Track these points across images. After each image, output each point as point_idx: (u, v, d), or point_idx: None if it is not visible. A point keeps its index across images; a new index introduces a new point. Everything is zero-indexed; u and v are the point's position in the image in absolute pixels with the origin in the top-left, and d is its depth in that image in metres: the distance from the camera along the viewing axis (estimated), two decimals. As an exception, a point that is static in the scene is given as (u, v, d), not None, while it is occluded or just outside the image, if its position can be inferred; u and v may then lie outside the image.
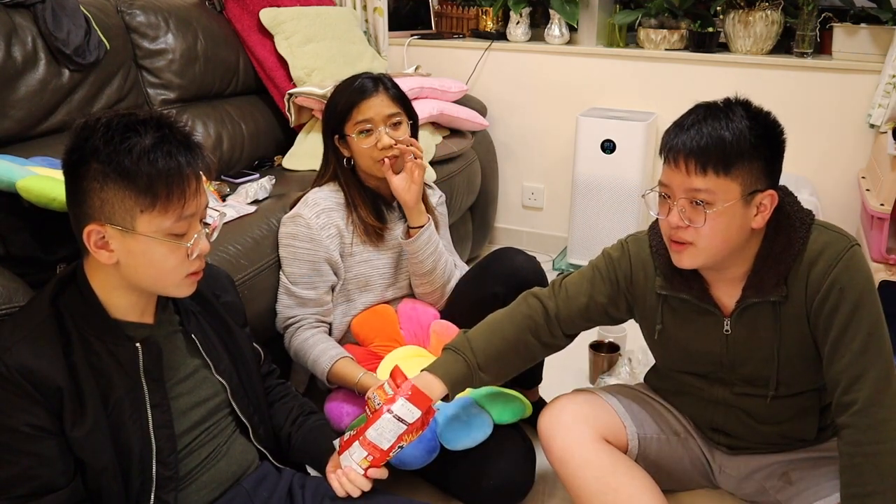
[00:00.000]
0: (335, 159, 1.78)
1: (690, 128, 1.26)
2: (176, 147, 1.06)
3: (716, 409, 1.50)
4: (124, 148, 1.03)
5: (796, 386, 1.41)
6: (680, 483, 1.61)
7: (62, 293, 1.13)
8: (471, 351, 1.45)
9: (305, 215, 1.72)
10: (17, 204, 1.40)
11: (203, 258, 1.15)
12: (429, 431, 1.54)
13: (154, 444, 1.14)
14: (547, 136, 3.10)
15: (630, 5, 3.02)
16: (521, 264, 1.76)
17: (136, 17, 2.25)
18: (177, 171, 1.05)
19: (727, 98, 1.31)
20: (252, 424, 1.31)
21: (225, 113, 2.45)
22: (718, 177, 1.24)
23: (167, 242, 1.08)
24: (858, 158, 2.57)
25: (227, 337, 1.31)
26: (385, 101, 1.72)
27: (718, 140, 1.23)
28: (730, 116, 1.25)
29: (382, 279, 1.82)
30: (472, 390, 1.68)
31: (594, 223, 2.82)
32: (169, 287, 1.14)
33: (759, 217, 1.30)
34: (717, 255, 1.31)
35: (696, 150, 1.24)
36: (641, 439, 1.53)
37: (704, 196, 1.25)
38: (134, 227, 1.06)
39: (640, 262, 1.47)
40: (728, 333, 1.40)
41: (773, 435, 1.47)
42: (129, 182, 1.03)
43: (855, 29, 2.53)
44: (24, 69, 1.89)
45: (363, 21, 3.06)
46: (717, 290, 1.40)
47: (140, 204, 1.05)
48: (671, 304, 1.45)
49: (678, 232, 1.30)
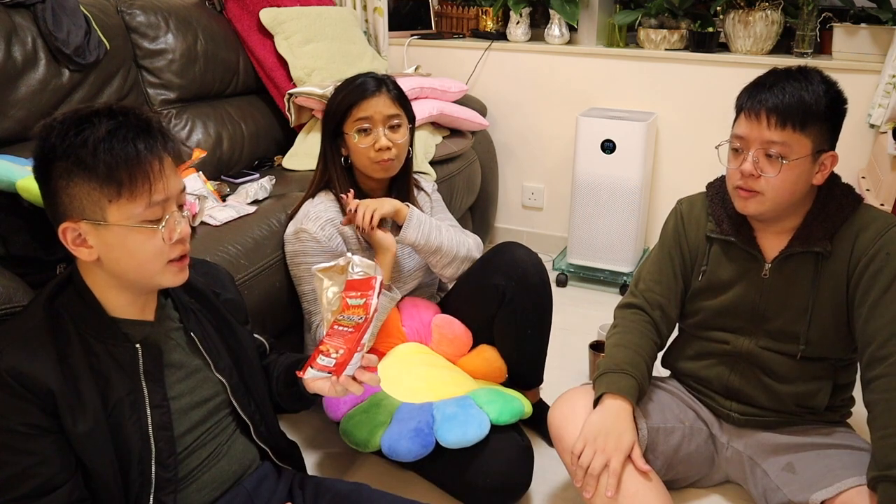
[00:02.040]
0: (332, 159, 1.78)
1: (773, 86, 1.38)
2: (133, 132, 1.05)
3: (735, 366, 1.57)
4: (79, 140, 1.03)
5: (819, 349, 1.49)
6: (687, 474, 1.63)
7: (59, 295, 1.12)
8: (628, 367, 1.52)
9: (310, 230, 1.72)
10: (17, 204, 1.40)
11: (185, 243, 1.13)
12: (425, 426, 1.56)
13: (153, 445, 1.13)
14: (547, 136, 3.10)
15: (630, 5, 3.02)
16: (523, 257, 1.77)
17: (136, 17, 2.26)
18: (135, 155, 1.04)
19: (801, 65, 1.44)
20: (253, 422, 1.31)
21: (225, 113, 2.45)
22: (795, 132, 1.36)
23: (141, 229, 1.07)
24: (858, 158, 2.57)
25: (227, 334, 1.30)
26: (386, 102, 1.72)
27: (799, 99, 1.36)
28: (809, 80, 1.38)
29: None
30: (472, 390, 1.69)
31: (594, 223, 2.82)
32: (154, 277, 1.12)
33: (820, 175, 1.42)
34: (781, 205, 1.42)
35: (778, 106, 1.36)
36: (651, 430, 1.55)
37: (779, 149, 1.37)
38: (105, 218, 1.05)
39: (692, 217, 1.61)
40: (766, 278, 1.50)
41: (788, 399, 1.53)
42: (90, 173, 1.03)
43: (855, 29, 2.53)
44: (24, 69, 1.89)
45: (363, 21, 3.06)
46: (763, 239, 1.52)
47: (106, 194, 1.04)
48: (718, 247, 1.56)
49: (749, 181, 1.41)
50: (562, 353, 1.91)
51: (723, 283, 1.55)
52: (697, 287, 1.59)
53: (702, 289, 1.58)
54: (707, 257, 1.57)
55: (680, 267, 1.61)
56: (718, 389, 1.61)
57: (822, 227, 1.44)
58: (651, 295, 1.62)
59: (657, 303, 1.62)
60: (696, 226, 1.60)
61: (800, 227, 1.46)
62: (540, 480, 1.75)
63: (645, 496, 1.39)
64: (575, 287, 2.90)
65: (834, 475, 1.39)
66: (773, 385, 1.53)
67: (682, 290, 1.62)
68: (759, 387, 1.55)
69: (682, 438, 1.59)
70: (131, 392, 1.12)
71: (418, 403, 1.64)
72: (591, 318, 2.51)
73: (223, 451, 1.26)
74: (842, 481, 1.37)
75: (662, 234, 1.67)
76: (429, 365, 1.77)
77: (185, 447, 1.20)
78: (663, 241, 1.65)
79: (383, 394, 1.68)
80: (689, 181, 2.69)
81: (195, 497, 1.22)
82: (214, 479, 1.25)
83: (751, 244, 1.51)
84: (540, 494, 1.73)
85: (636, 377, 1.50)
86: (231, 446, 1.28)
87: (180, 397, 1.19)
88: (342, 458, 1.84)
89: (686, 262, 1.61)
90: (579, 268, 2.92)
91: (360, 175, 1.79)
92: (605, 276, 2.87)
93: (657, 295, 1.62)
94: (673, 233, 1.63)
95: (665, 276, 1.62)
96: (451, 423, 1.55)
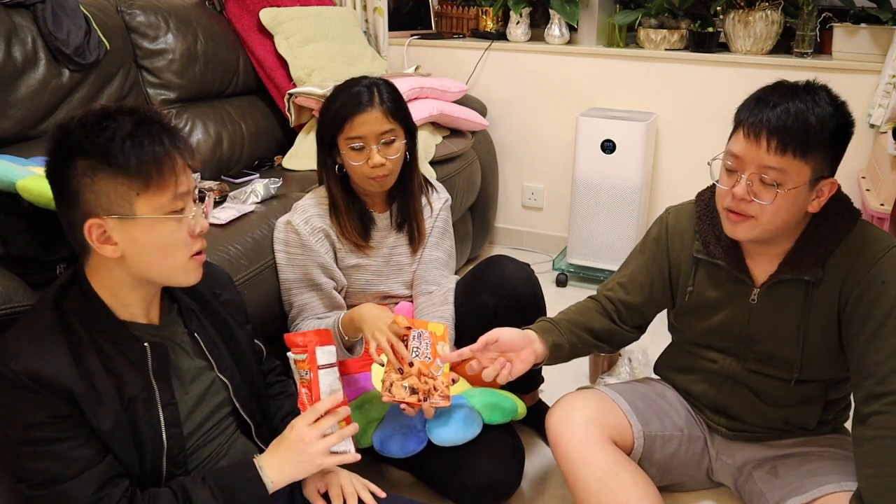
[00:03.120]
0: (327, 166, 1.75)
1: (777, 105, 1.25)
2: (157, 128, 1.08)
3: (723, 385, 1.53)
4: (107, 137, 1.04)
5: (809, 373, 1.42)
6: (681, 480, 1.62)
7: (64, 298, 1.13)
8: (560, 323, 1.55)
9: (295, 221, 1.73)
10: (17, 204, 1.40)
11: (204, 238, 1.16)
12: (418, 423, 1.56)
13: (165, 442, 1.15)
14: (547, 136, 3.10)
15: (630, 5, 3.02)
16: (512, 273, 1.74)
17: (136, 17, 2.26)
18: (163, 150, 1.07)
19: (808, 81, 1.31)
20: (255, 422, 1.31)
21: (225, 113, 2.45)
22: (795, 158, 1.25)
23: (170, 219, 1.09)
24: (858, 158, 2.56)
25: (227, 335, 1.31)
26: (379, 118, 1.65)
27: (804, 123, 1.23)
28: (816, 101, 1.25)
29: (373, 283, 1.81)
30: (466, 391, 1.69)
31: (594, 223, 2.82)
32: (177, 271, 1.13)
33: (816, 202, 1.31)
34: (773, 232, 1.33)
35: (780, 129, 1.24)
36: (647, 437, 1.54)
37: (776, 175, 1.26)
38: (133, 211, 1.06)
39: (677, 230, 1.53)
40: (754, 304, 1.43)
41: (776, 419, 1.49)
42: (118, 168, 1.04)
43: (855, 29, 2.53)
44: (24, 69, 1.89)
45: (363, 21, 3.06)
46: (752, 263, 1.43)
47: (135, 187, 1.05)
48: (705, 269, 1.49)
49: (741, 205, 1.31)
50: (562, 353, 1.92)
51: (710, 305, 1.49)
52: (685, 306, 1.53)
53: (689, 308, 1.52)
54: (693, 278, 1.50)
55: (658, 278, 1.55)
56: (707, 404, 1.57)
57: (814, 252, 1.35)
58: (611, 294, 1.59)
59: (613, 301, 1.59)
60: (681, 240, 1.52)
61: (790, 252, 1.37)
62: (539, 480, 1.76)
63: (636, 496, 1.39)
64: (575, 287, 2.90)
65: (814, 481, 1.39)
66: (762, 407, 1.49)
67: (650, 301, 1.57)
68: (748, 406, 1.51)
69: (678, 446, 1.58)
70: (143, 390, 1.13)
71: (411, 401, 1.65)
72: (591, 318, 2.50)
73: (224, 451, 1.27)
74: (819, 487, 1.36)
75: (644, 239, 1.60)
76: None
77: (189, 446, 1.21)
78: (643, 248, 1.59)
79: (377, 391, 1.68)
80: (689, 181, 2.69)
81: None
82: (215, 478, 1.25)
83: (739, 268, 1.43)
84: (535, 493, 1.73)
85: (552, 321, 1.53)
86: (231, 447, 1.29)
87: (185, 397, 1.20)
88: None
89: (668, 276, 1.55)
90: (579, 268, 2.92)
91: (356, 185, 1.77)
92: (604, 276, 2.87)
93: (616, 295, 1.59)
94: (654, 243, 1.56)
95: (633, 281, 1.57)
96: (444, 421, 1.56)
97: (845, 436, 1.53)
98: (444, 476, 1.63)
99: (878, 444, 1.23)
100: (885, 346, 1.26)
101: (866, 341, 1.29)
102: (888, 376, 1.24)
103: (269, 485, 1.16)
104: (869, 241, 1.32)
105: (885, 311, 1.27)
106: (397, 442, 1.55)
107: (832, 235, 1.34)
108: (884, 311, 1.27)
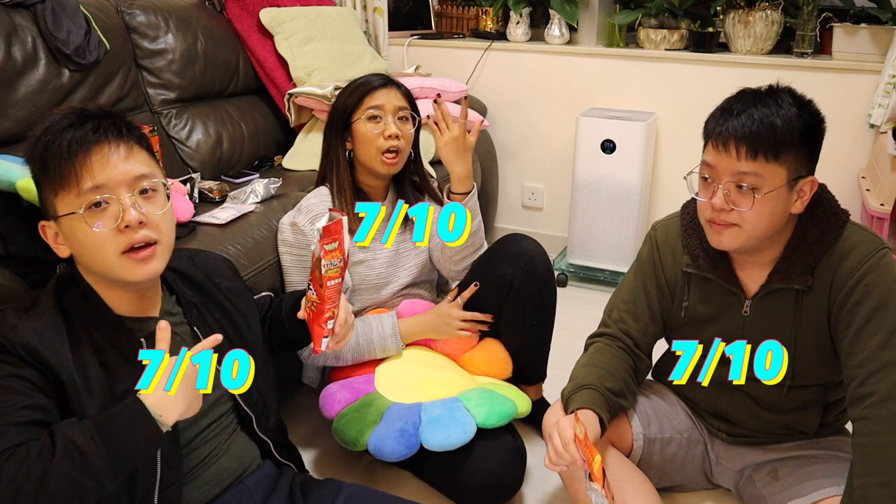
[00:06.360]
0: (335, 153, 1.78)
1: (741, 113, 1.27)
2: (67, 123, 1.08)
3: (721, 392, 1.52)
4: (43, 142, 1.08)
5: (805, 378, 1.42)
6: (681, 480, 1.62)
7: (64, 294, 1.13)
8: (594, 382, 1.43)
9: (300, 223, 1.73)
10: (17, 204, 1.40)
11: (135, 231, 1.09)
12: (411, 427, 1.57)
13: None
14: (547, 136, 3.10)
15: (630, 5, 3.02)
16: (529, 247, 1.78)
17: (136, 17, 2.26)
18: (64, 146, 1.06)
19: (770, 85, 1.32)
20: (256, 413, 1.31)
21: (225, 113, 2.45)
22: (768, 162, 1.26)
23: (80, 218, 1.07)
24: (858, 158, 2.57)
25: (228, 326, 1.30)
26: (397, 95, 1.77)
27: (770, 126, 1.25)
28: (779, 103, 1.27)
29: (378, 280, 1.82)
30: (462, 391, 1.69)
31: (594, 223, 2.82)
32: (114, 269, 1.09)
33: (799, 202, 1.32)
34: (759, 238, 1.33)
35: (747, 136, 1.25)
36: (646, 439, 1.54)
37: (752, 180, 1.27)
38: (56, 212, 1.09)
39: (667, 246, 1.52)
40: (747, 315, 1.42)
41: (776, 424, 1.49)
42: (41, 170, 1.09)
43: (855, 29, 2.53)
44: (24, 69, 1.89)
45: (363, 21, 3.06)
46: (742, 273, 1.43)
47: (52, 188, 1.08)
48: (696, 283, 1.48)
49: (721, 214, 1.31)
50: (561, 352, 1.91)
51: (703, 319, 1.48)
52: (680, 321, 1.51)
53: (685, 323, 1.51)
54: (687, 293, 1.49)
55: (657, 298, 1.52)
56: (707, 410, 1.57)
57: (803, 260, 1.34)
58: (624, 327, 1.53)
59: (630, 335, 1.53)
60: (672, 257, 1.51)
61: (779, 261, 1.37)
62: (538, 480, 1.76)
63: (635, 497, 1.39)
64: (575, 287, 2.90)
65: (814, 484, 1.39)
66: (762, 413, 1.49)
67: (658, 323, 1.54)
68: (747, 412, 1.50)
69: (678, 449, 1.58)
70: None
71: (408, 404, 1.65)
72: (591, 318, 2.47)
73: (223, 450, 1.27)
74: (819, 490, 1.36)
75: (637, 261, 1.58)
76: (425, 365, 1.77)
77: (187, 444, 1.20)
78: (638, 270, 1.56)
79: (376, 394, 1.69)
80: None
81: (196, 493, 1.23)
82: (214, 477, 1.25)
83: (729, 280, 1.42)
84: (535, 494, 1.73)
85: (599, 388, 1.41)
86: (231, 445, 1.29)
87: None
88: (339, 457, 1.85)
89: (664, 294, 1.52)
90: (579, 268, 2.92)
91: (361, 173, 1.79)
92: (605, 276, 2.87)
93: (631, 328, 1.53)
94: (648, 263, 1.54)
95: (640, 308, 1.53)
96: (436, 425, 1.56)
97: (846, 437, 1.53)
98: (444, 477, 1.63)
99: (862, 452, 1.22)
100: (867, 347, 1.26)
101: (850, 343, 1.29)
102: (868, 378, 1.24)
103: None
104: (856, 245, 1.32)
105: (867, 313, 1.27)
106: (390, 446, 1.55)
107: (820, 242, 1.34)
108: (867, 313, 1.27)
